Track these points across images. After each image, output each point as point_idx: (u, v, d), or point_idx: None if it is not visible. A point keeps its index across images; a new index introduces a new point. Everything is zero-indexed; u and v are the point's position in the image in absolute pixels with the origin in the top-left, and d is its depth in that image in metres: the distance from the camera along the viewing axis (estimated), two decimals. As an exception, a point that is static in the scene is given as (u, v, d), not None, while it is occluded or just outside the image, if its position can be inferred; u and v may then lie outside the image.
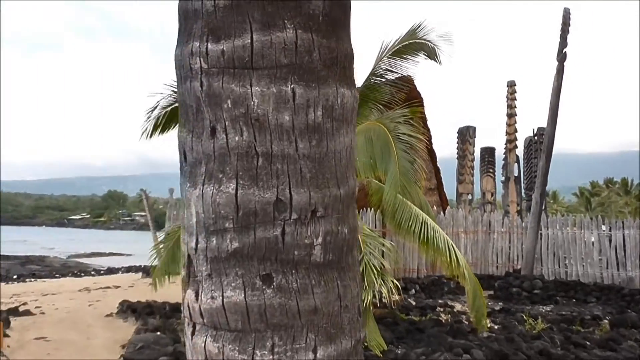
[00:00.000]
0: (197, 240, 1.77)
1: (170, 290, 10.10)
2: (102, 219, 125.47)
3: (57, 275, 20.42)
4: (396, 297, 7.24)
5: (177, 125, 7.55)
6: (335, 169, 1.80)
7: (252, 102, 1.71)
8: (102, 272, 22.00)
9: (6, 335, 6.99)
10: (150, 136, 8.65)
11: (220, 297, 1.71)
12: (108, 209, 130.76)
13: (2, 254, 37.27)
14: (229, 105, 1.72)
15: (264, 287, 1.70)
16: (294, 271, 1.72)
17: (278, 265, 1.70)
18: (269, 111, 1.71)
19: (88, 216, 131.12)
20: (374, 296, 7.13)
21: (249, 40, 1.71)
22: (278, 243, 1.70)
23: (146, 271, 17.01)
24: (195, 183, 1.78)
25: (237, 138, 1.71)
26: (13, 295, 12.43)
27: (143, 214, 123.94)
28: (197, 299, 1.76)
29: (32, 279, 18.66)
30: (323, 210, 1.75)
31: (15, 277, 20.02)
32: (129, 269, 21.85)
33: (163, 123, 8.62)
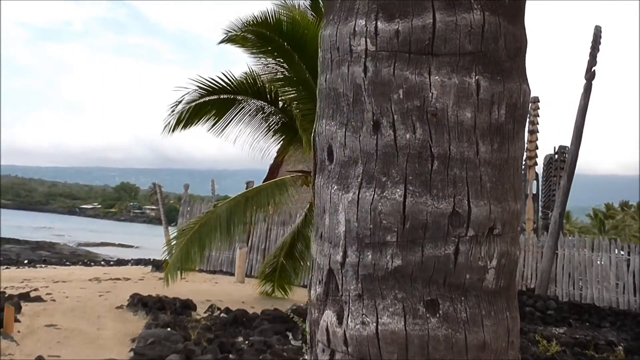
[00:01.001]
0: (345, 252, 1.51)
1: (181, 286, 10.09)
2: (113, 209, 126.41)
3: (67, 263, 20.52)
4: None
5: (208, 120, 7.48)
6: (513, 179, 1.55)
7: (430, 94, 1.45)
8: (111, 262, 22.09)
9: (17, 321, 6.97)
10: (173, 131, 8.67)
11: (374, 324, 1.45)
12: (119, 200, 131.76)
13: (14, 237, 37.67)
14: (401, 96, 1.46)
15: (427, 315, 1.44)
16: (463, 298, 1.47)
17: (446, 290, 1.45)
18: (448, 106, 1.46)
19: (99, 206, 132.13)
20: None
21: (431, 20, 1.45)
22: (449, 263, 1.45)
23: (156, 265, 17.01)
24: (347, 185, 1.52)
25: (407, 135, 1.46)
26: (24, 280, 12.46)
27: (154, 207, 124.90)
28: (340, 323, 1.50)
29: (43, 265, 18.75)
30: (500, 228, 1.51)
31: (26, 262, 20.16)
32: (138, 262, 21.88)
33: (186, 118, 8.64)
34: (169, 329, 7.11)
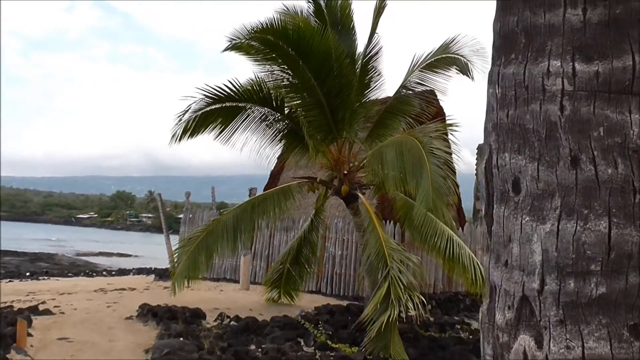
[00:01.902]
0: (542, 280, 1.60)
1: (187, 295, 10.06)
2: (109, 218, 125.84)
3: (69, 274, 20.42)
4: (423, 313, 7.14)
5: (215, 128, 7.44)
6: None
7: (631, 132, 1.56)
8: (113, 272, 21.99)
9: (29, 335, 6.93)
10: (180, 140, 8.66)
11: (580, 348, 1.55)
12: (116, 209, 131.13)
13: (10, 249, 37.47)
14: (601, 134, 1.56)
15: (632, 339, 1.55)
16: None
17: None
18: None
19: (96, 215, 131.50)
20: (400, 311, 7.04)
21: (630, 63, 1.56)
22: None
23: (159, 274, 16.97)
24: (542, 217, 1.61)
25: (609, 170, 1.56)
26: (29, 292, 12.40)
27: (150, 215, 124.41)
28: (539, 347, 1.60)
29: (45, 277, 18.66)
30: None
31: (27, 274, 20.04)
32: (140, 271, 21.81)
33: (193, 127, 8.62)
34: (181, 338, 7.10)
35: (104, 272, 22.22)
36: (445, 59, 9.27)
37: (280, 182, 17.52)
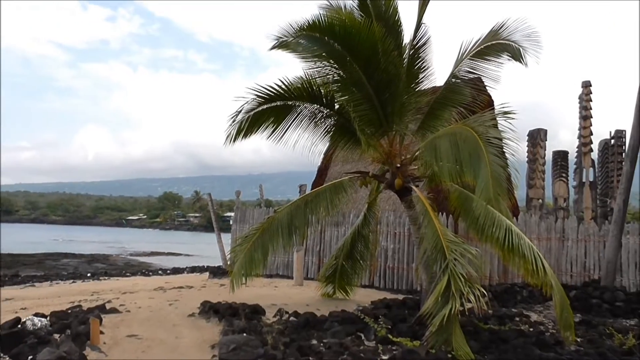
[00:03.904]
0: None
1: (244, 292, 10.26)
2: (158, 219, 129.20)
3: (127, 274, 21.15)
4: (483, 305, 7.05)
5: (267, 128, 7.60)
6: None
7: None
8: (168, 271, 22.65)
9: (101, 332, 7.23)
10: (234, 140, 8.83)
11: None
12: (164, 210, 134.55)
13: (70, 252, 39.10)
14: None
15: None
16: None
17: None
18: None
19: (145, 217, 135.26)
20: (461, 304, 6.98)
21: None
22: None
23: (213, 272, 17.37)
24: None
25: None
26: (93, 292, 12.93)
27: (197, 215, 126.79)
28: None
29: (105, 277, 19.40)
30: None
31: (88, 275, 20.87)
32: (193, 269, 22.39)
33: (246, 127, 8.78)
34: (244, 334, 7.26)
35: (160, 272, 22.93)
36: (496, 45, 9.09)
37: (328, 177, 17.62)
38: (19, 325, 7.25)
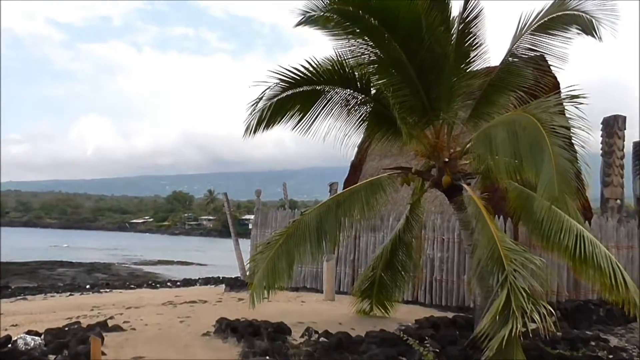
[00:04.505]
0: None
1: (266, 307, 10.36)
2: (166, 223, 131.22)
3: (131, 286, 21.61)
4: (550, 326, 6.97)
5: (292, 116, 7.69)
6: None
7: None
8: (178, 283, 23.07)
9: (103, 354, 7.40)
10: (254, 132, 8.93)
11: None
12: (173, 212, 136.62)
13: (67, 260, 40.11)
14: None
15: None
16: None
17: None
18: None
19: (151, 220, 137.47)
20: (524, 325, 6.92)
21: None
22: None
23: (229, 284, 17.58)
24: None
25: None
26: (93, 307, 13.25)
27: (210, 217, 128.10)
28: None
29: (107, 289, 19.87)
30: None
31: (87, 286, 21.39)
32: (207, 281, 22.72)
33: (268, 117, 8.88)
34: (267, 357, 7.34)
35: (169, 283, 23.35)
36: (562, 17, 8.96)
37: (363, 174, 17.60)
38: (10, 345, 7.45)
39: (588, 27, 8.74)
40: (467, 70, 9.18)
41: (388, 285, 11.05)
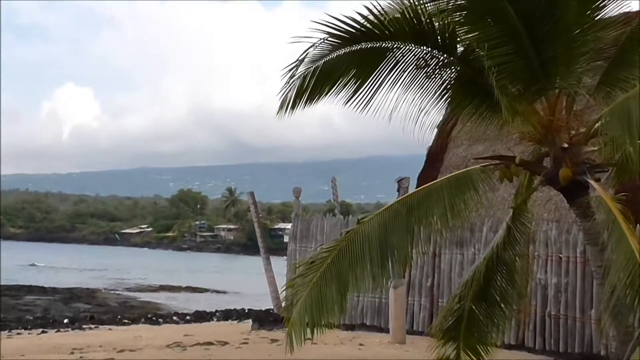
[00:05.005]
0: None
1: (308, 352, 10.44)
2: (170, 233, 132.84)
3: (124, 320, 22.06)
4: None
5: (346, 86, 7.77)
6: None
7: None
8: (188, 317, 23.42)
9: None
10: (292, 108, 8.99)
11: None
12: (179, 218, 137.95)
13: (37, 284, 41.14)
14: None
15: None
16: None
17: None
18: None
19: (149, 229, 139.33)
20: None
21: None
22: None
23: (259, 319, 17.76)
24: None
25: None
26: (73, 349, 13.60)
27: (231, 226, 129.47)
28: None
29: (92, 325, 20.30)
30: None
31: (66, 321, 21.90)
32: (227, 315, 23.01)
33: (312, 86, 8.92)
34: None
35: (175, 317, 23.71)
36: None
37: (445, 166, 17.58)
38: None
39: None
40: (596, 18, 9.05)
41: (482, 323, 10.97)
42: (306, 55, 8.79)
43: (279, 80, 8.96)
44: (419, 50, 9.16)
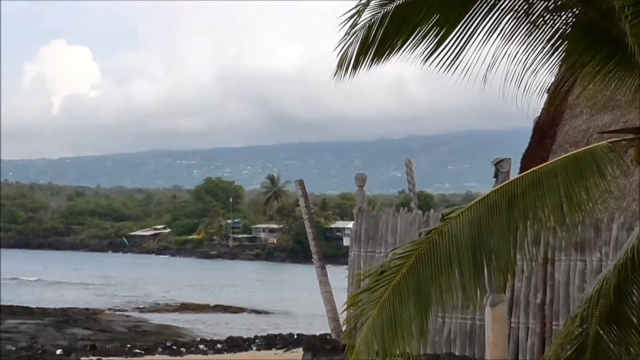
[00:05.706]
0: None
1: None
2: (193, 236, 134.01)
3: (136, 351, 22.28)
4: None
5: (426, 37, 7.89)
6: None
7: None
8: (219, 345, 23.54)
9: None
10: (355, 68, 9.01)
11: None
12: (205, 216, 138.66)
13: (21, 304, 41.87)
14: None
15: None
16: None
17: None
18: None
19: (167, 231, 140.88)
20: None
21: None
22: None
23: (312, 346, 17.88)
24: None
25: None
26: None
27: (274, 226, 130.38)
28: None
29: (94, 358, 20.51)
30: None
31: (59, 352, 22.22)
32: (271, 341, 23.11)
33: (379, 40, 8.93)
34: None
35: (201, 346, 23.85)
36: None
37: (558, 144, 17.46)
38: None
39: None
40: None
41: (612, 353, 10.93)
42: (368, 1, 8.81)
43: (336, 32, 8.98)
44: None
